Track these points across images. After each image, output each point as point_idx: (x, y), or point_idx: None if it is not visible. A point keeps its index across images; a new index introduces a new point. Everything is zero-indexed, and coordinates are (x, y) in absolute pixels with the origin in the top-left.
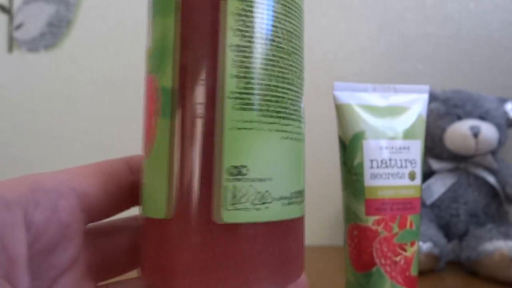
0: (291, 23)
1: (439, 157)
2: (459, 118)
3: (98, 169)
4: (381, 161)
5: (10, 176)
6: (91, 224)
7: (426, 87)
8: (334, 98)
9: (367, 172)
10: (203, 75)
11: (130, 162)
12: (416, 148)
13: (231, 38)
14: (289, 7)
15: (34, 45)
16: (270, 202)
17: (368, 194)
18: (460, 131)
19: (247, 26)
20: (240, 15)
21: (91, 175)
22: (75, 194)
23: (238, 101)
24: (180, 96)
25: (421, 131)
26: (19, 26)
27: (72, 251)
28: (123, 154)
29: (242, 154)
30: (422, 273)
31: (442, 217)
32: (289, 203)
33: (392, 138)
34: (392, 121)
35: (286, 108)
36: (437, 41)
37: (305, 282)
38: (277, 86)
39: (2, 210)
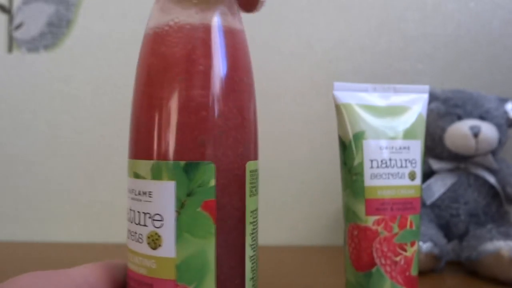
0: None
1: (439, 157)
2: (459, 118)
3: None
4: (381, 161)
5: (10, 176)
6: None
7: (426, 87)
8: (334, 98)
9: (367, 172)
10: None
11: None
12: (416, 148)
13: (249, 251)
14: None
15: (34, 45)
16: None
17: (368, 194)
18: (460, 131)
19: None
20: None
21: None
22: None
23: None
24: None
25: (421, 131)
26: (18, 26)
27: None
28: (123, 155)
29: None
30: (422, 273)
31: (442, 217)
32: None
33: (392, 138)
34: (392, 121)
35: None
36: (437, 40)
37: None
38: None
39: None
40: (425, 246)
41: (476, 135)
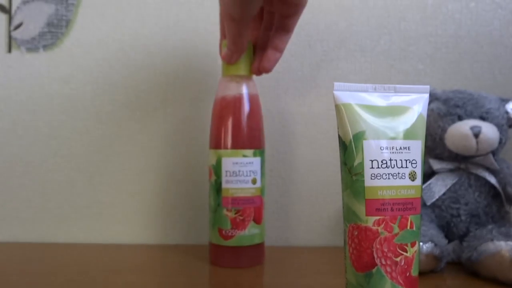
0: None
1: (439, 157)
2: (459, 118)
3: None
4: (382, 161)
5: (10, 176)
6: None
7: (427, 87)
8: (334, 98)
9: (367, 172)
10: None
11: None
12: (416, 148)
13: None
14: None
15: (33, 45)
16: None
17: (368, 194)
18: (461, 131)
19: None
20: None
21: None
22: None
23: None
24: None
25: (422, 131)
26: (18, 26)
27: None
28: (123, 155)
29: None
30: (422, 273)
31: (443, 217)
32: None
33: (393, 138)
34: (393, 121)
35: None
36: (437, 40)
37: None
38: None
39: None
40: (426, 246)
41: (476, 135)
